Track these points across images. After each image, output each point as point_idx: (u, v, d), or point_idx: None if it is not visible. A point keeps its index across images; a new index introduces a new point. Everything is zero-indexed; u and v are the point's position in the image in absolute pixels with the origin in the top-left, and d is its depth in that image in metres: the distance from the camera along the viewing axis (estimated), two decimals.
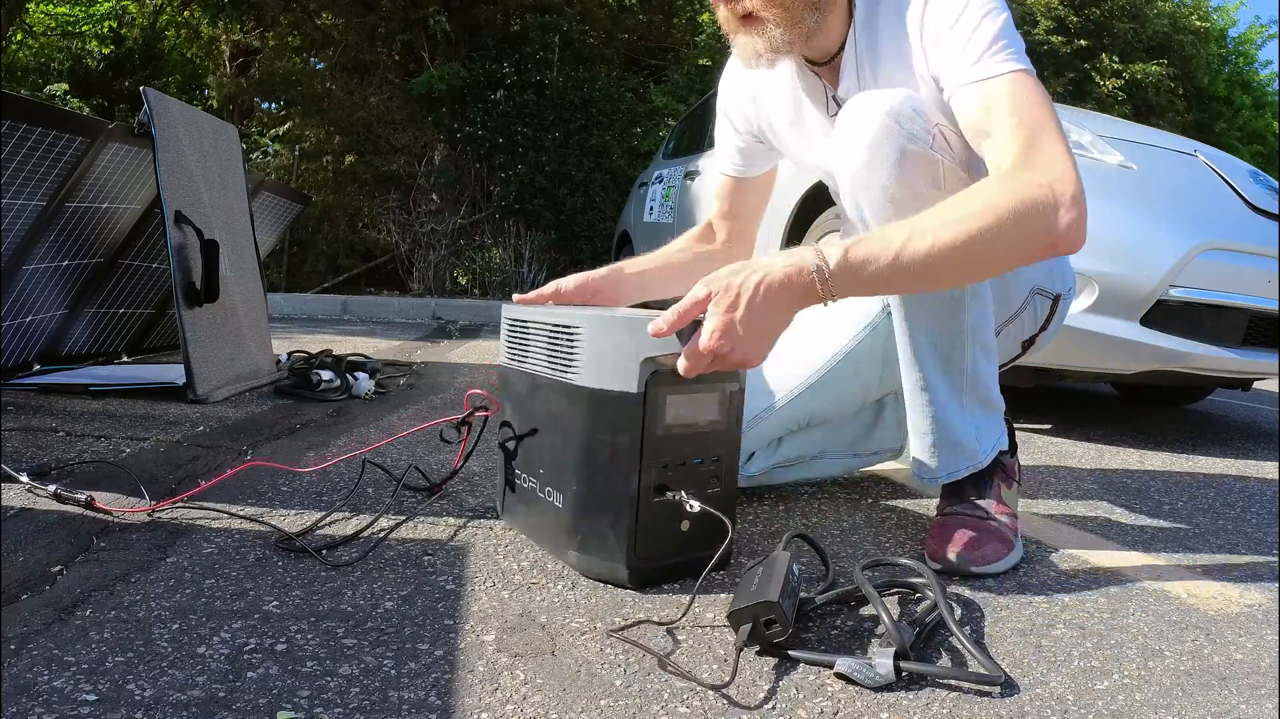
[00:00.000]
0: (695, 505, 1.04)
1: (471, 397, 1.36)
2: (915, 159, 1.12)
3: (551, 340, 1.14)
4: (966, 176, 1.17)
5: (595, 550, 1.08)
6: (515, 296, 1.29)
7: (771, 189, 1.59)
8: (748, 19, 1.19)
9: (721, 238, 1.57)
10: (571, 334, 1.10)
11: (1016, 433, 1.52)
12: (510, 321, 1.26)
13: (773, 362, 1.26)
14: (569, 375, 1.10)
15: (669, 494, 1.06)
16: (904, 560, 1.13)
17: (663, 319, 0.99)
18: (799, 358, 1.50)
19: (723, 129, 1.50)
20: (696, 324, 1.00)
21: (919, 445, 1.31)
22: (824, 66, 1.29)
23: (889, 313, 1.40)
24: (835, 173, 1.22)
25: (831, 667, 0.87)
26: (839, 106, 1.29)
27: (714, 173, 1.54)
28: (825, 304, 1.00)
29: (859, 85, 1.26)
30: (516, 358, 1.23)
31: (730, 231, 1.56)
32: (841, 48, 1.26)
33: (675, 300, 1.03)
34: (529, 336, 1.20)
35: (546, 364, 1.15)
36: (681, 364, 1.00)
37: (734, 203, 1.54)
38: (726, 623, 0.98)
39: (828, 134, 1.35)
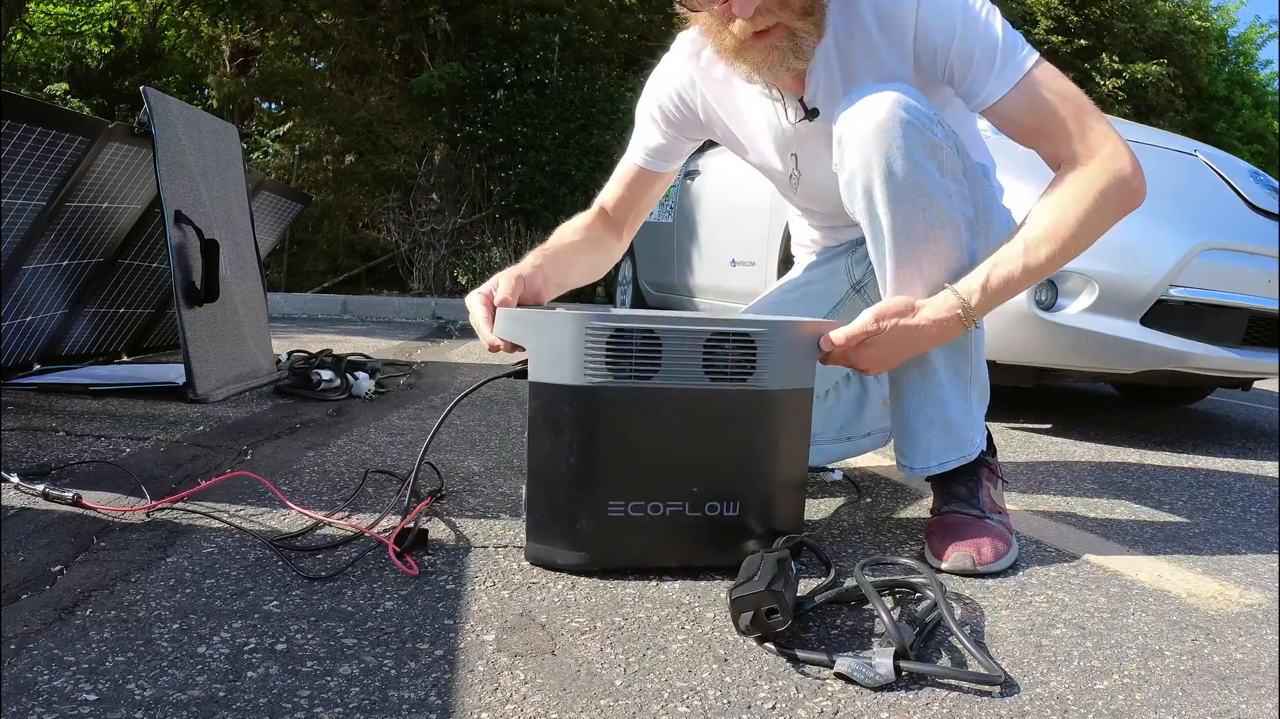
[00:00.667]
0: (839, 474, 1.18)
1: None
2: (924, 145, 1.17)
3: (712, 348, 1.08)
4: (960, 161, 1.24)
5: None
6: (477, 310, 1.21)
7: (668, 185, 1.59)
8: (764, 33, 1.18)
9: (623, 229, 1.56)
10: (750, 339, 1.09)
11: (1017, 433, 1.52)
12: (612, 332, 1.06)
13: None
14: (746, 382, 1.10)
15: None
16: (904, 560, 1.13)
17: (843, 334, 1.15)
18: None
19: (645, 123, 1.50)
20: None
21: (910, 426, 1.31)
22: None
23: (871, 275, 1.38)
24: (836, 164, 1.23)
25: (831, 666, 0.87)
26: (806, 111, 1.30)
27: (625, 162, 1.54)
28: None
29: (831, 87, 1.27)
30: (623, 372, 1.07)
31: (628, 222, 1.56)
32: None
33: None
34: (653, 348, 1.07)
35: (704, 373, 1.08)
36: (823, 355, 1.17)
37: (636, 193, 1.53)
38: (728, 624, 0.98)
39: (777, 137, 1.38)
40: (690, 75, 1.41)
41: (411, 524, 1.18)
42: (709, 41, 1.26)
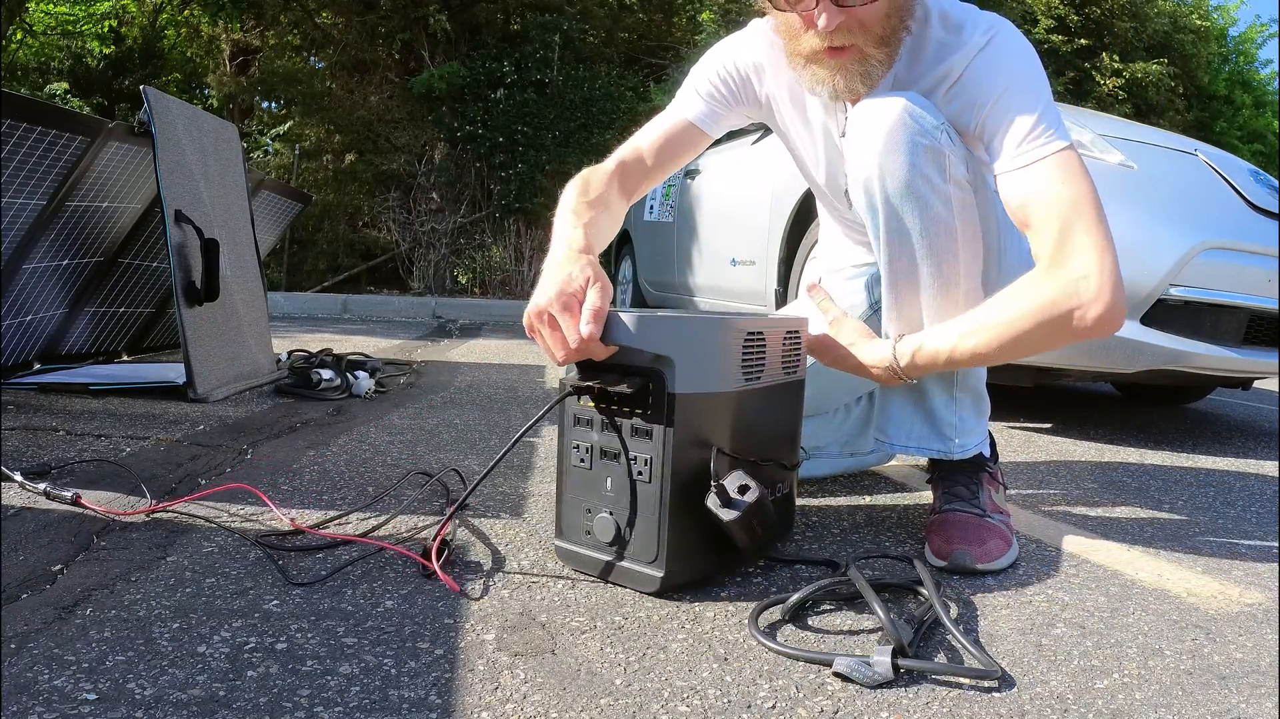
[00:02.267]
0: None
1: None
2: (926, 150, 1.17)
3: (786, 345, 1.18)
4: (967, 173, 1.22)
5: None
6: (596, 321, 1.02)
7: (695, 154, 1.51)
8: (839, 50, 1.18)
9: (633, 194, 1.41)
10: (798, 334, 1.22)
11: (1017, 433, 1.52)
12: (747, 335, 1.09)
13: None
14: (795, 373, 1.22)
15: None
16: (899, 555, 1.13)
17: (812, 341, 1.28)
18: None
19: (704, 79, 1.42)
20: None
21: (893, 405, 1.35)
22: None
23: (876, 308, 1.41)
24: (848, 163, 1.25)
25: (830, 665, 0.87)
26: None
27: (671, 113, 1.45)
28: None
29: None
30: (752, 374, 1.10)
31: (642, 186, 1.43)
32: None
33: None
34: (763, 347, 1.12)
35: (781, 369, 1.17)
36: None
37: (672, 149, 1.43)
38: (728, 624, 0.98)
39: (829, 146, 1.38)
40: (761, 60, 1.38)
41: (448, 536, 1.17)
42: (783, 41, 1.25)
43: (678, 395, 1.00)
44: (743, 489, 1.02)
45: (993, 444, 1.46)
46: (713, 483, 1.02)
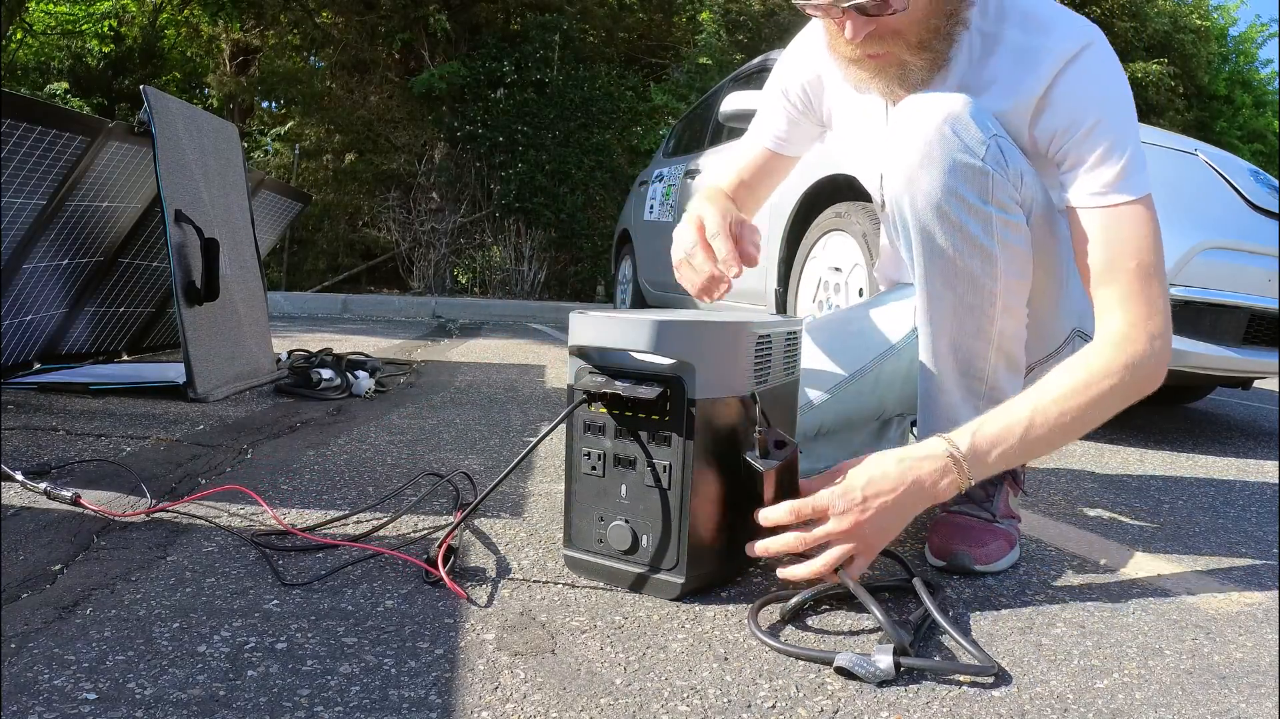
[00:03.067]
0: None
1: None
2: (966, 170, 1.10)
3: (787, 346, 1.18)
4: (1018, 193, 1.14)
5: None
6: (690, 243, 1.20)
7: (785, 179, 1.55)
8: (875, 56, 1.14)
9: (748, 208, 1.50)
10: (797, 335, 1.22)
11: None
12: (759, 338, 1.09)
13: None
14: (793, 373, 1.22)
15: None
16: (896, 555, 1.13)
17: (776, 513, 1.02)
18: (822, 367, 1.46)
19: (774, 101, 1.43)
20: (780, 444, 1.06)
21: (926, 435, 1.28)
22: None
23: (915, 335, 1.35)
24: (884, 171, 1.18)
25: (830, 664, 0.87)
26: None
27: (746, 141, 1.47)
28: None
29: None
30: (761, 377, 1.10)
31: (757, 204, 1.52)
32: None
33: None
34: (769, 350, 1.12)
35: (783, 371, 1.17)
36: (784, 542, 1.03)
37: (758, 176, 1.48)
38: (728, 623, 0.98)
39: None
40: (818, 72, 1.36)
41: (454, 543, 1.16)
42: (827, 39, 1.21)
43: (698, 401, 0.99)
44: (780, 444, 1.04)
45: None
46: (756, 431, 1.03)
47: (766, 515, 1.02)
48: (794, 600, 1.00)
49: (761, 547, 1.03)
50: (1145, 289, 1.08)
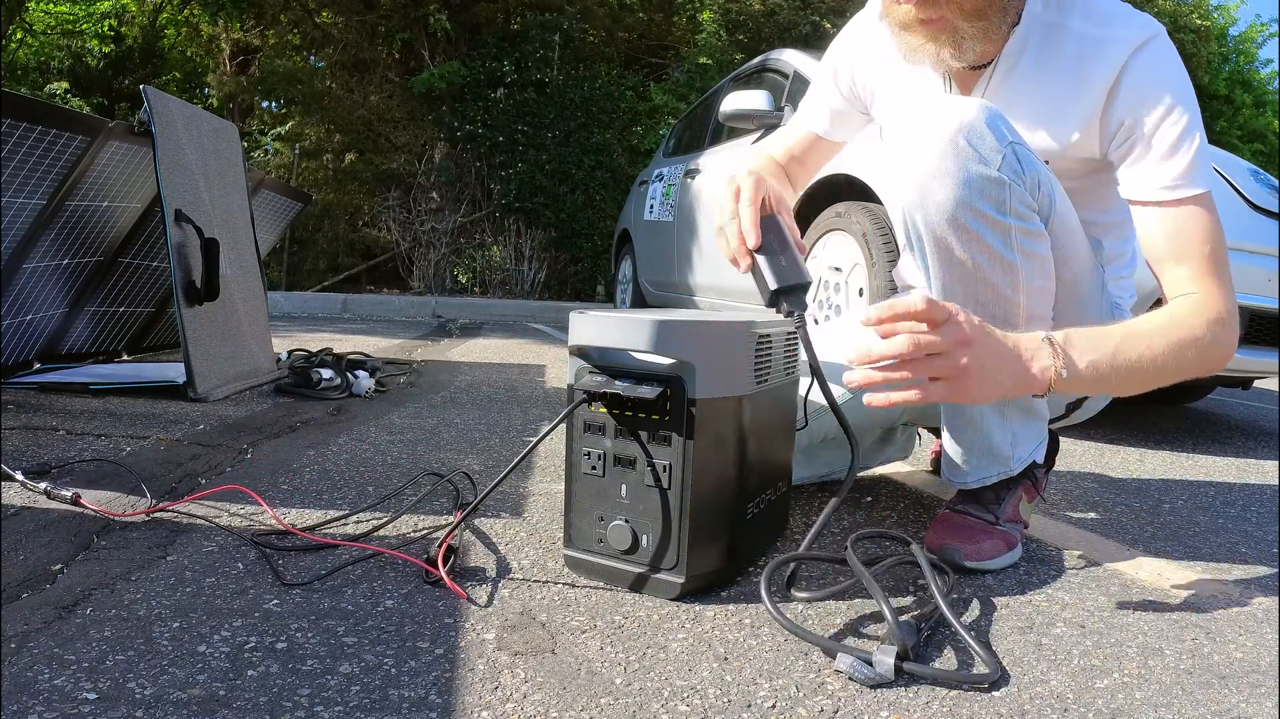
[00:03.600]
0: None
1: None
2: (982, 181, 1.07)
3: (786, 346, 1.20)
4: (1033, 202, 1.11)
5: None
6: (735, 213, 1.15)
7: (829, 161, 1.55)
8: (929, 22, 1.13)
9: (800, 182, 1.52)
10: (794, 335, 1.21)
11: None
12: (759, 338, 1.09)
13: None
14: (793, 374, 1.23)
15: None
16: (900, 537, 1.13)
17: (874, 312, 0.94)
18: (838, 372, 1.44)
19: (824, 85, 1.44)
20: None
21: (952, 448, 1.27)
22: (963, 69, 1.22)
23: None
24: (894, 180, 1.15)
25: (834, 655, 0.87)
26: None
27: (795, 121, 1.49)
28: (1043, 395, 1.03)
29: (996, 101, 1.20)
30: (762, 376, 1.11)
31: (807, 179, 1.53)
32: (988, 63, 1.21)
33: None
34: (769, 350, 1.13)
35: (783, 371, 1.18)
36: (862, 373, 0.96)
37: (807, 153, 1.50)
38: (728, 623, 0.98)
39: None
40: (865, 47, 1.35)
41: (454, 543, 1.16)
42: (881, 5, 1.19)
43: (698, 400, 0.99)
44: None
45: (1054, 443, 1.42)
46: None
47: (894, 304, 0.94)
48: (801, 549, 1.03)
49: (877, 350, 0.94)
50: (1218, 273, 1.09)
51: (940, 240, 1.10)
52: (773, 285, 1.11)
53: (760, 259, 1.13)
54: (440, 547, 1.08)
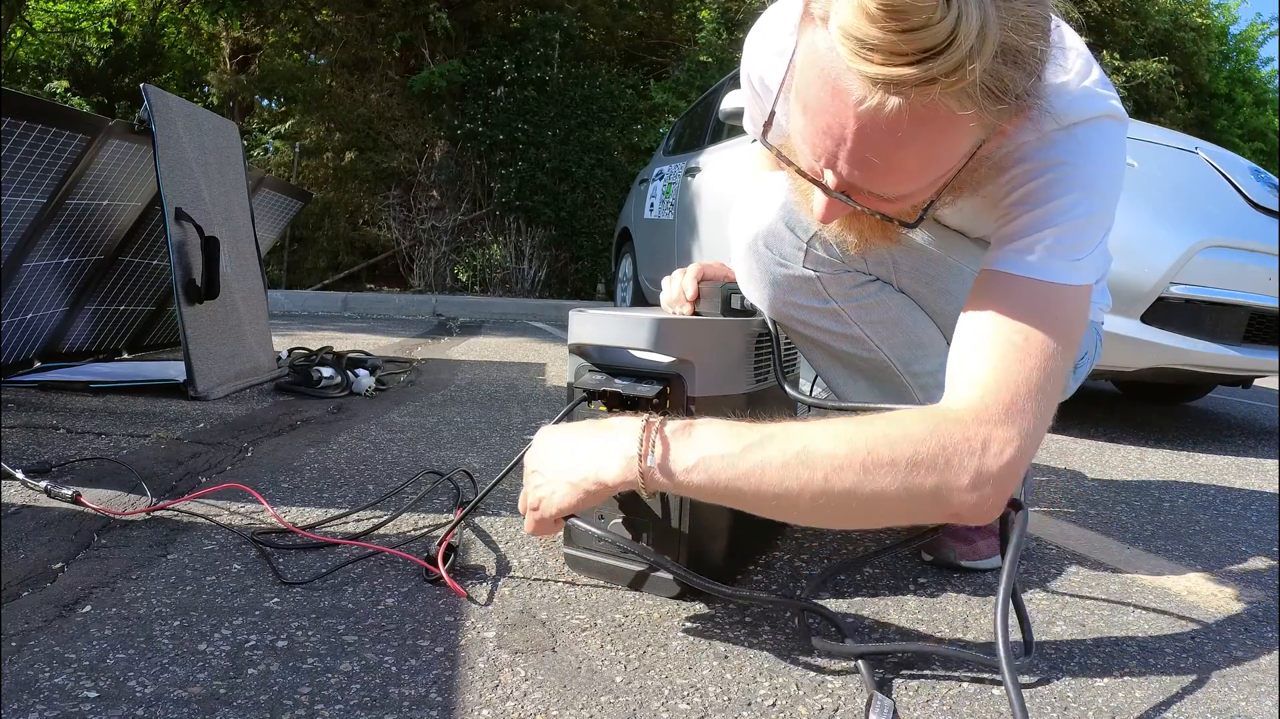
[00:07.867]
0: None
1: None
2: (790, 281, 1.09)
3: (785, 345, 1.19)
4: (861, 276, 1.08)
5: None
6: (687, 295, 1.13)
7: None
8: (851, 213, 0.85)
9: None
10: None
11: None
12: (758, 337, 1.13)
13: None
14: (788, 375, 1.20)
15: None
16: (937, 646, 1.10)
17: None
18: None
19: (749, 97, 1.25)
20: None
21: None
22: None
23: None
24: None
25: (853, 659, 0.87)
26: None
27: (754, 147, 1.38)
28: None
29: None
30: (761, 376, 1.13)
31: None
32: None
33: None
34: (768, 350, 1.15)
35: (782, 370, 1.17)
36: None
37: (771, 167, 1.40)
38: (728, 621, 0.98)
39: None
40: (765, 72, 1.17)
41: (454, 541, 1.16)
42: (790, 187, 1.04)
43: (697, 398, 0.99)
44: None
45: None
46: None
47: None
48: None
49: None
50: (1004, 396, 0.79)
51: (785, 328, 1.15)
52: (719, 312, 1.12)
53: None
54: (440, 545, 1.08)
